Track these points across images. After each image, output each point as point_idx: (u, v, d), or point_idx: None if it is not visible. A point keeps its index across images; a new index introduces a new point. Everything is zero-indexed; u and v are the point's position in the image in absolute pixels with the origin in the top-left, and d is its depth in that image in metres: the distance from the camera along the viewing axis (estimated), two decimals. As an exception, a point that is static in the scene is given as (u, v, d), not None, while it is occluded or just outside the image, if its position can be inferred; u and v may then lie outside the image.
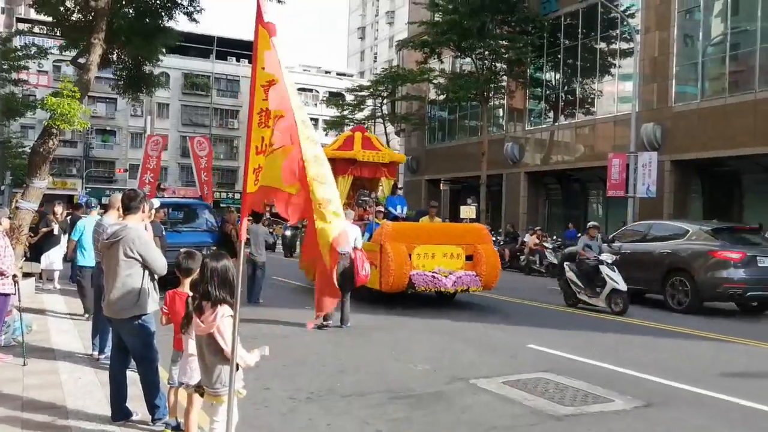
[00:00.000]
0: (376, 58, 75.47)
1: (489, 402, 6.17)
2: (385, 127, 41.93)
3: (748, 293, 12.26)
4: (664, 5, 24.51)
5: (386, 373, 7.26)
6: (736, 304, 12.96)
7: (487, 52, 30.25)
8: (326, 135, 60.33)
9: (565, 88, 30.07)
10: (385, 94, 40.69)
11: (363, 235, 11.82)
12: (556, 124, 30.33)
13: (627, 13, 25.84)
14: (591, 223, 14.00)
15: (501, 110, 34.43)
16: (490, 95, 31.76)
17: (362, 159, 14.67)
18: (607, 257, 12.48)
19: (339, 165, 14.21)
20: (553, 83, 30.91)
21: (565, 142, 29.88)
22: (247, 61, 58.18)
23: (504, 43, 29.78)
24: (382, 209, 13.88)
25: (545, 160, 30.70)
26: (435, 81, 34.43)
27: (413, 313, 11.49)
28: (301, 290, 14.43)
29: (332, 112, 49.65)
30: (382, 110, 41.47)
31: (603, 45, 28.00)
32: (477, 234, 12.81)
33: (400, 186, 14.81)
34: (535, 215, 31.33)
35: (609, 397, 6.34)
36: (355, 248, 10.26)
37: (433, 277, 11.52)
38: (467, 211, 12.36)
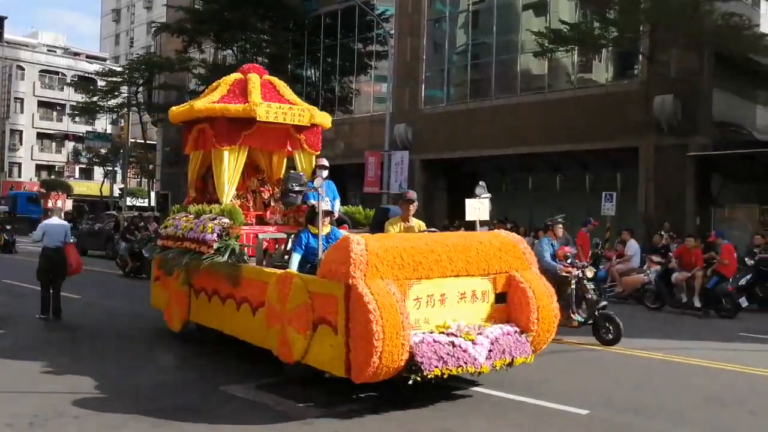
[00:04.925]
0: (132, 43, 70.76)
1: (239, 409, 5.96)
2: (141, 117, 39.47)
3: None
4: (415, 13, 26.12)
5: (130, 387, 6.66)
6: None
7: (248, 45, 29.91)
8: (74, 122, 55.31)
9: (325, 86, 30.77)
10: (141, 82, 38.26)
11: (291, 255, 7.24)
12: (317, 120, 30.83)
13: (382, 17, 27.16)
14: (556, 218, 10.32)
15: (263, 105, 34.18)
16: (252, 89, 31.32)
17: (266, 118, 8.76)
18: (586, 267, 9.77)
19: (222, 128, 8.72)
20: (314, 80, 31.46)
21: (325, 138, 30.45)
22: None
23: (265, 37, 29.64)
24: (329, 208, 7.52)
25: (307, 156, 31.06)
26: (195, 71, 33.21)
27: (151, 315, 10.73)
28: (34, 294, 11.84)
29: (82, 97, 45.37)
30: (137, 98, 38.92)
31: (360, 46, 29.11)
32: (511, 252, 6.85)
33: (324, 164, 9.10)
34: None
35: (360, 395, 6.35)
36: (66, 243, 10.33)
37: (452, 344, 5.93)
38: (476, 207, 7.74)
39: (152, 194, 41.37)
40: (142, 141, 41.45)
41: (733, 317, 12.61)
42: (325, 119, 9.64)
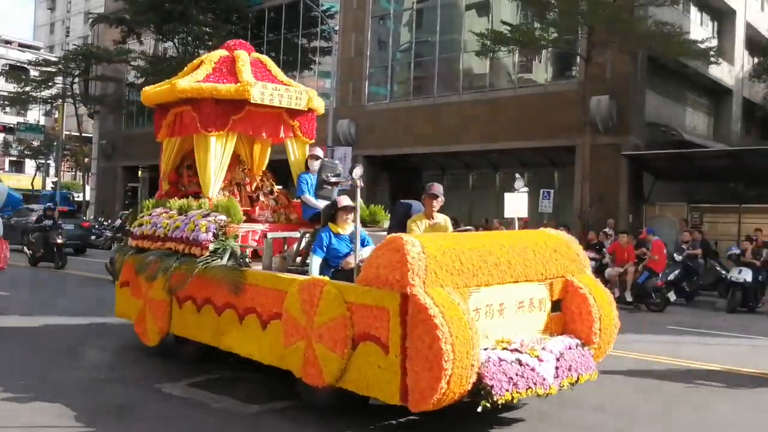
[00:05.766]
0: (68, 32, 68.44)
1: (174, 407, 5.84)
2: (76, 108, 38.27)
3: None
4: (360, 9, 26.13)
5: (61, 385, 6.43)
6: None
7: (190, 38, 29.40)
8: (5, 112, 53.15)
9: (269, 80, 30.47)
10: (77, 72, 37.08)
11: (312, 258, 6.29)
12: (260, 115, 30.56)
13: (327, 14, 27.08)
14: None
15: (205, 98, 33.64)
16: (193, 82, 30.83)
17: (260, 101, 7.85)
18: None
19: (209, 111, 7.71)
20: (257, 75, 31.10)
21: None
22: None
23: (208, 30, 29.18)
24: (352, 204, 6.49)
25: (249, 151, 30.77)
26: (134, 63, 32.44)
27: (84, 312, 10.46)
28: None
29: (13, 87, 43.57)
30: (72, 90, 37.70)
31: (305, 41, 28.98)
32: (566, 254, 6.18)
33: (318, 155, 8.30)
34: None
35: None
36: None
37: (519, 362, 5.21)
38: (515, 203, 7.23)
39: (87, 188, 40.15)
40: (78, 134, 40.23)
41: (662, 311, 13.12)
42: (320, 105, 8.71)
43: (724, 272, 14.56)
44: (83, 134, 41.14)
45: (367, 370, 5.13)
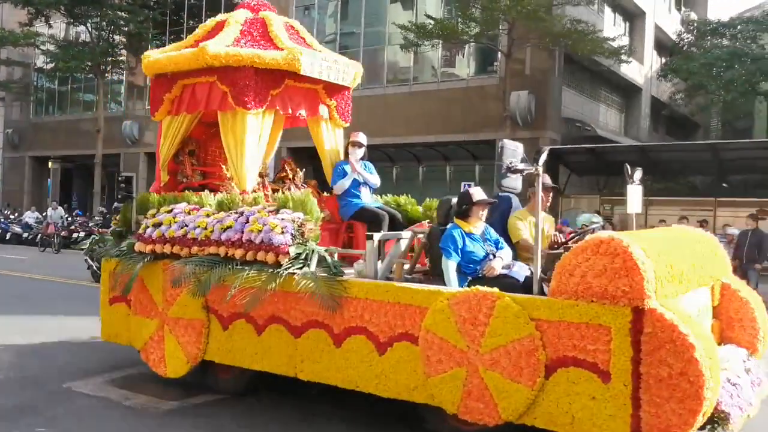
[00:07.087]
0: (-32, 12, 64.35)
1: (85, 407, 5.59)
2: (-22, 93, 36.10)
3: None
4: (283, -1, 25.89)
5: None
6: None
7: (104, 23, 28.27)
8: None
9: (189, 69, 29.70)
10: (-21, 56, 34.99)
11: (446, 265, 5.11)
12: (180, 105, 29.79)
13: (249, 1, 26.62)
14: None
15: (122, 86, 32.51)
16: (108, 69, 29.74)
17: (310, 73, 6.53)
18: None
19: (249, 84, 6.19)
20: (177, 63, 30.24)
21: (189, 123, 29.50)
22: None
23: (123, 14, 28.15)
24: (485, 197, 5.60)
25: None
26: (43, 47, 30.89)
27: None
28: None
29: None
30: (-26, 74, 35.57)
31: (226, 30, 28.35)
32: (719, 255, 5.60)
33: (361, 141, 7.04)
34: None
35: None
36: None
37: (728, 381, 4.47)
38: (634, 196, 5.97)
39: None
40: (-19, 120, 37.98)
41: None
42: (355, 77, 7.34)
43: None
44: (-13, 121, 38.94)
45: (573, 402, 4.18)
